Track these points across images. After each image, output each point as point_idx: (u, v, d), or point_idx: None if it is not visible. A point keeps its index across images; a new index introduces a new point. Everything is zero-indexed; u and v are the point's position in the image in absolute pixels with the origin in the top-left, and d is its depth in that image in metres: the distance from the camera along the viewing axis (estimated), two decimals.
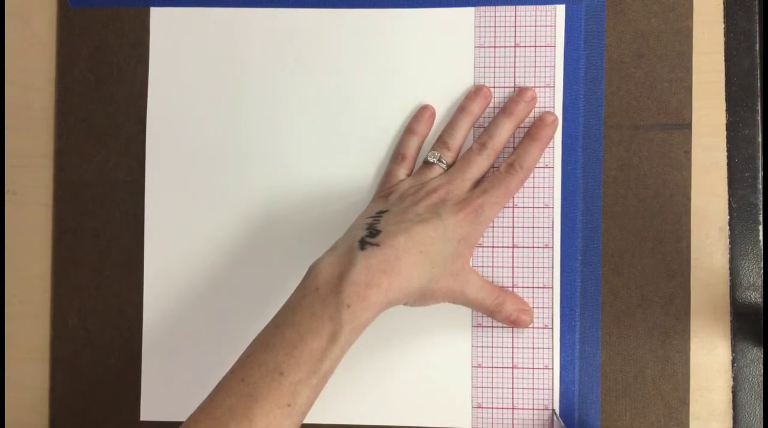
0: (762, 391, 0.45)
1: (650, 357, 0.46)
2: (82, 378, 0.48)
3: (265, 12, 0.48)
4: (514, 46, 0.47)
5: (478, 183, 0.45)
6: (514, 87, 0.47)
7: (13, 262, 0.49)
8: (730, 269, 0.46)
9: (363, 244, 0.39)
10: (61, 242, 0.48)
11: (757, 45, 0.46)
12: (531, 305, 0.46)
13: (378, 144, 0.47)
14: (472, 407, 0.46)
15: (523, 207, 0.47)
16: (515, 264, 0.47)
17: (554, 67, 0.47)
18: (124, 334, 0.48)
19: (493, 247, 0.47)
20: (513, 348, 0.46)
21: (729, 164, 0.46)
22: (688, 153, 0.46)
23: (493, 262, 0.47)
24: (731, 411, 0.46)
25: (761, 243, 0.46)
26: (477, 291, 0.44)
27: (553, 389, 0.46)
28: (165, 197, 0.48)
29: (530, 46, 0.47)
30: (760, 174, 0.46)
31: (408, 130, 0.47)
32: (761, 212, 0.46)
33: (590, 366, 0.46)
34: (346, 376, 0.47)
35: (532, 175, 0.46)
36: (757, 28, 0.46)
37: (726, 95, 0.46)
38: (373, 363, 0.47)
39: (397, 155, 0.47)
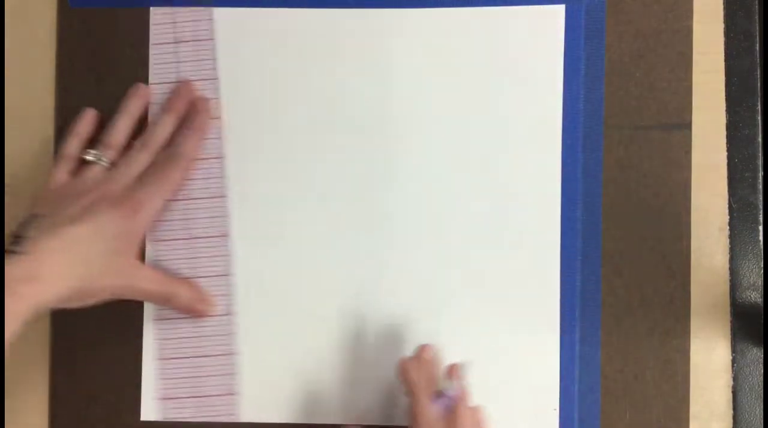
0: (762, 391, 0.45)
1: (650, 357, 0.46)
2: (82, 378, 0.48)
3: (266, 12, 0.48)
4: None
5: (140, 179, 0.45)
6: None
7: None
8: (730, 269, 0.46)
9: (8, 253, 0.40)
10: None
11: (757, 45, 0.46)
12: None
13: (379, 144, 0.47)
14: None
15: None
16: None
17: (554, 67, 0.47)
18: (124, 334, 0.48)
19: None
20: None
21: (729, 164, 0.46)
22: (688, 153, 0.46)
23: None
24: (731, 411, 0.46)
25: (761, 243, 0.46)
26: (147, 284, 0.44)
27: (553, 389, 0.46)
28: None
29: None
30: (760, 174, 0.46)
31: (70, 131, 0.47)
32: (761, 212, 0.46)
33: (590, 366, 0.46)
34: (350, 376, 0.47)
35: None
36: (757, 28, 0.46)
37: (726, 95, 0.46)
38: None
39: (58, 157, 0.46)
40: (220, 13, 0.48)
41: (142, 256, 0.47)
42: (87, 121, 0.47)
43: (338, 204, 0.47)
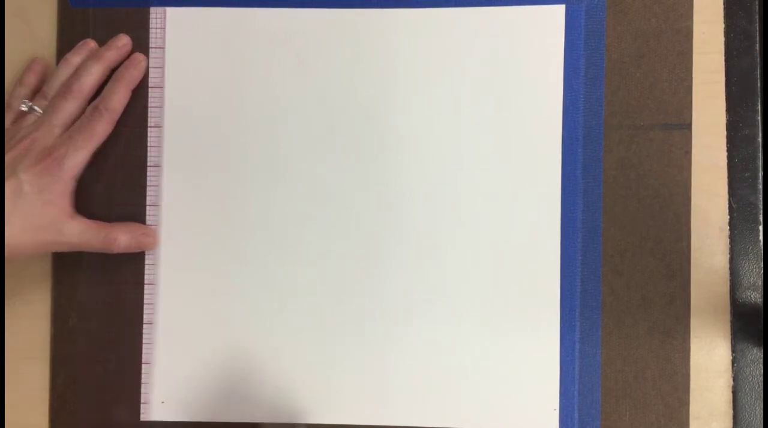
0: (762, 391, 0.45)
1: (650, 357, 0.46)
2: (82, 378, 0.48)
3: (266, 12, 0.48)
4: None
5: (67, 130, 0.46)
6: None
7: (13, 262, 0.49)
8: (730, 269, 0.46)
9: None
10: None
11: (757, 45, 0.46)
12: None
13: (377, 144, 0.47)
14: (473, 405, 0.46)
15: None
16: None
17: (554, 67, 0.47)
18: (124, 334, 0.48)
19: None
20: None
21: (729, 164, 0.46)
22: (688, 153, 0.46)
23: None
24: (731, 411, 0.46)
25: (761, 243, 0.46)
26: (79, 236, 0.45)
27: (553, 389, 0.46)
28: (165, 198, 0.48)
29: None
30: (760, 174, 0.46)
31: (17, 81, 0.48)
32: (761, 212, 0.46)
33: (590, 366, 0.46)
34: (350, 377, 0.47)
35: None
36: (757, 28, 0.46)
37: (726, 95, 0.46)
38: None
39: (6, 106, 0.47)
40: (223, 12, 0.48)
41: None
42: (33, 71, 0.48)
43: (336, 205, 0.47)
